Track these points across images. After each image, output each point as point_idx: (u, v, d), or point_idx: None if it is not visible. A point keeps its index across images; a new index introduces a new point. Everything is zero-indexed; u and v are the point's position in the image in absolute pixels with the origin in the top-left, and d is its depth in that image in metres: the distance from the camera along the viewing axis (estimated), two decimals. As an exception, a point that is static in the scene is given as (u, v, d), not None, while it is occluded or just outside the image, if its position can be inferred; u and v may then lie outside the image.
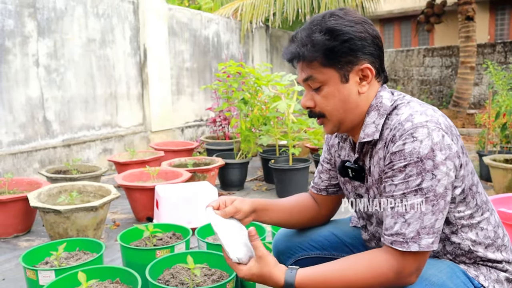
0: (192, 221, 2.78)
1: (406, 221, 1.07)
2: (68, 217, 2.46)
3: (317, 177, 1.49)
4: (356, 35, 1.15)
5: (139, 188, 3.01)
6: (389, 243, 1.09)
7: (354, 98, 1.19)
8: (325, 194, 1.48)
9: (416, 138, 1.06)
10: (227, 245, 1.17)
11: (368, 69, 1.17)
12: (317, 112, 1.22)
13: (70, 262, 1.97)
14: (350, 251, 1.49)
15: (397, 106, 1.18)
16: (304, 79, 1.20)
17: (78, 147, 4.45)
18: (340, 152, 1.39)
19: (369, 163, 1.23)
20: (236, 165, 3.96)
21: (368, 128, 1.19)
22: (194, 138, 6.13)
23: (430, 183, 1.05)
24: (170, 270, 1.86)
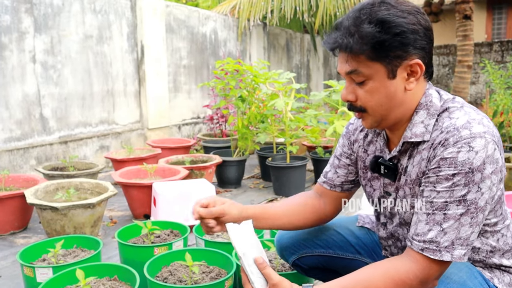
0: (190, 219, 2.77)
1: (443, 230, 1.04)
2: (65, 214, 2.46)
3: (332, 172, 1.43)
4: (409, 27, 1.07)
5: (136, 185, 3.00)
6: (419, 249, 1.07)
7: (400, 95, 1.13)
8: (339, 191, 1.43)
9: (473, 148, 1.02)
10: (253, 275, 1.13)
11: (418, 65, 1.10)
12: (358, 107, 1.16)
13: (67, 259, 1.96)
14: (356, 251, 1.49)
15: (449, 108, 1.13)
16: (348, 72, 1.13)
17: (74, 144, 4.43)
18: (368, 147, 1.34)
19: (407, 162, 1.19)
20: (233, 162, 3.96)
21: (416, 128, 1.14)
22: (191, 136, 6.12)
23: (474, 196, 1.03)
24: (168, 268, 1.86)
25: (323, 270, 1.57)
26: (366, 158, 1.34)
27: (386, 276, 1.07)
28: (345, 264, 1.52)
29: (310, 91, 9.44)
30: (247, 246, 1.15)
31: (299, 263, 1.55)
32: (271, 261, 1.92)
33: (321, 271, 1.58)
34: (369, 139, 1.33)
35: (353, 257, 1.51)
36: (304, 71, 9.50)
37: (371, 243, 1.51)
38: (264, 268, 1.12)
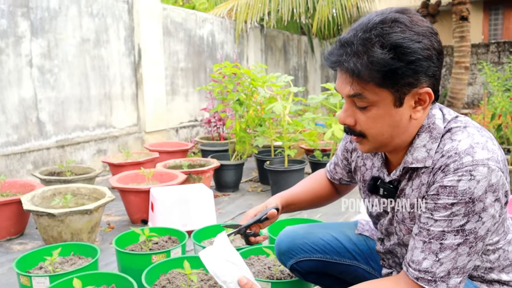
0: (188, 224, 2.76)
1: (439, 260, 1.01)
2: (62, 220, 2.44)
3: (332, 165, 1.49)
4: (424, 54, 0.98)
5: (134, 190, 2.99)
6: (413, 277, 1.04)
7: (405, 123, 1.05)
8: (337, 183, 1.50)
9: (474, 177, 0.96)
10: None
11: (427, 94, 1.02)
12: (357, 131, 1.09)
13: (64, 267, 1.95)
14: (353, 258, 1.49)
15: (451, 129, 1.06)
16: (351, 95, 1.04)
17: (72, 148, 4.41)
18: (366, 161, 1.31)
19: (406, 184, 1.14)
20: (231, 166, 3.95)
21: (418, 152, 1.08)
22: (189, 139, 6.11)
23: (474, 225, 0.98)
24: (166, 275, 1.84)
25: (320, 275, 1.57)
26: (365, 172, 1.31)
27: None
28: (343, 270, 1.52)
29: (307, 93, 9.44)
30: (226, 270, 1.11)
31: (297, 267, 1.55)
32: (270, 268, 1.91)
33: (319, 276, 1.58)
34: (367, 154, 1.31)
35: (350, 262, 1.51)
36: (302, 73, 9.50)
37: (368, 250, 1.51)
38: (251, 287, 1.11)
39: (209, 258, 1.12)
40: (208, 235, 2.31)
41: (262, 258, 2.01)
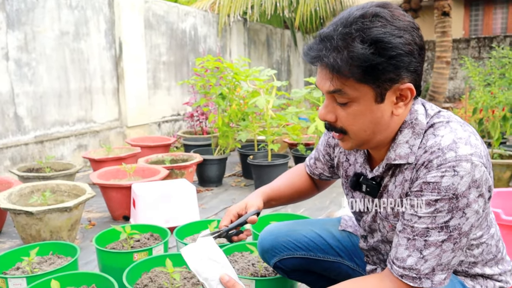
0: (170, 220, 2.72)
1: (424, 257, 1.00)
2: (41, 218, 2.38)
3: (313, 160, 1.47)
4: (405, 49, 0.96)
5: (115, 186, 2.93)
6: (398, 275, 1.03)
7: (386, 119, 1.03)
8: (317, 179, 1.48)
9: (458, 173, 0.95)
10: None
11: (409, 90, 1.01)
12: (338, 128, 1.07)
13: (43, 267, 1.90)
14: (337, 255, 1.47)
15: (434, 124, 1.04)
16: (331, 91, 1.01)
17: (51, 143, 4.32)
18: (349, 157, 1.29)
19: (389, 181, 1.13)
20: (214, 161, 3.91)
21: (400, 149, 1.06)
22: (171, 133, 6.04)
23: (458, 221, 0.97)
24: (148, 274, 1.81)
25: (304, 272, 1.56)
26: (348, 167, 1.30)
27: None
28: (327, 267, 1.51)
29: (290, 87, 9.43)
30: (208, 268, 1.08)
31: (281, 265, 1.53)
32: (254, 264, 1.89)
33: (303, 273, 1.56)
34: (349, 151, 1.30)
35: (334, 259, 1.50)
36: (285, 66, 9.48)
37: (352, 246, 1.50)
38: (233, 286, 1.08)
39: (190, 255, 1.10)
40: (191, 232, 2.27)
41: (246, 255, 1.99)
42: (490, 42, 10.05)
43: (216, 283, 1.07)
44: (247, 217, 1.29)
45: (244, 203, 1.36)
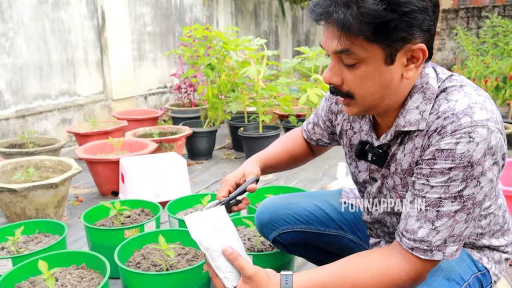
0: (161, 195, 2.64)
1: (436, 228, 0.95)
2: (25, 195, 2.28)
3: (311, 125, 1.39)
4: (419, 5, 0.88)
5: (102, 161, 2.83)
6: (408, 248, 0.97)
7: (396, 82, 0.96)
8: (314, 144, 1.41)
9: (473, 139, 0.89)
10: (220, 272, 0.99)
11: (421, 50, 0.94)
12: (344, 92, 0.99)
13: (29, 247, 1.81)
14: (339, 228, 1.42)
15: (447, 89, 0.98)
16: (338, 51, 0.94)
17: (33, 118, 4.16)
18: (354, 124, 1.21)
19: (397, 149, 1.06)
20: (204, 133, 3.82)
21: (410, 115, 1.00)
22: (158, 106, 5.90)
23: (472, 191, 0.92)
24: (140, 251, 1.74)
25: (304, 246, 1.50)
26: (352, 135, 1.22)
27: (377, 276, 0.98)
28: (328, 240, 1.45)
29: (279, 58, 9.27)
30: (210, 237, 1.00)
31: (280, 239, 1.47)
32: (250, 239, 1.82)
33: (303, 247, 1.51)
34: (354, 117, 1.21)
35: (335, 233, 1.44)
36: (273, 37, 9.29)
37: (354, 219, 1.44)
38: (235, 259, 0.99)
39: (193, 222, 1.02)
40: (183, 206, 2.20)
41: (241, 229, 1.93)
42: (479, 12, 9.95)
43: (217, 254, 0.99)
44: (247, 185, 1.20)
45: (242, 172, 1.27)
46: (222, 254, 0.99)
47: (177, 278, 1.50)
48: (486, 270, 1.14)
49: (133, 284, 1.52)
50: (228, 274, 0.99)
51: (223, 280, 0.98)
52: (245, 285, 0.98)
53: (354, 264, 1.01)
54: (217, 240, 1.00)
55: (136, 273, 1.49)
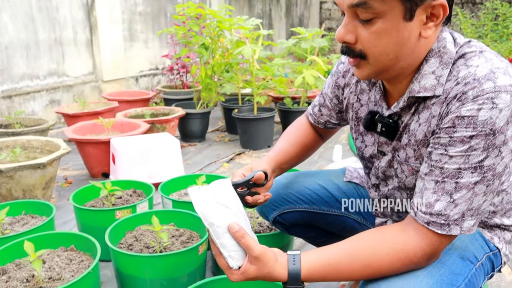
0: (153, 176, 2.56)
1: (454, 201, 0.88)
2: (11, 176, 2.18)
3: (317, 107, 1.32)
4: None
5: (92, 141, 2.73)
6: (424, 222, 0.91)
7: (413, 42, 0.89)
8: (322, 127, 1.34)
9: (496, 105, 0.83)
10: (225, 250, 0.92)
11: (441, 7, 0.86)
12: (357, 51, 0.92)
13: (15, 228, 1.72)
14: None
15: (465, 54, 0.91)
16: (355, 4, 0.87)
17: (20, 98, 4.03)
18: (361, 96, 1.13)
19: (411, 119, 0.99)
20: (197, 115, 3.72)
21: (426, 80, 0.93)
22: (150, 88, 5.77)
23: (493, 161, 0.86)
24: (133, 233, 1.66)
25: (306, 227, 1.43)
26: (359, 108, 1.15)
27: (391, 253, 0.91)
28: (331, 221, 1.39)
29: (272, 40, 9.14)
30: (216, 212, 0.92)
31: (280, 219, 1.40)
32: (247, 220, 1.75)
33: (304, 228, 1.44)
34: (363, 87, 1.13)
35: (339, 213, 1.37)
36: (266, 20, 9.14)
37: (359, 198, 1.37)
38: (242, 237, 0.91)
39: (198, 196, 0.93)
40: (177, 187, 2.12)
41: (238, 211, 1.86)
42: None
43: (223, 230, 0.91)
44: (252, 175, 1.12)
45: (249, 167, 1.20)
46: (227, 231, 0.91)
47: (172, 260, 1.43)
48: (497, 250, 1.09)
49: (125, 267, 1.44)
50: (233, 253, 0.92)
51: (227, 259, 0.91)
52: (250, 265, 0.91)
53: (366, 241, 0.94)
54: (223, 216, 0.92)
55: (128, 255, 1.41)
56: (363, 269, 0.92)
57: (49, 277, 1.35)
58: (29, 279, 1.35)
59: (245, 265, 0.92)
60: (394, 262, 0.91)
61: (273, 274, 0.91)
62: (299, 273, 0.91)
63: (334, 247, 0.95)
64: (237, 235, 0.91)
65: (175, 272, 1.44)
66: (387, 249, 0.91)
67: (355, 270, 0.92)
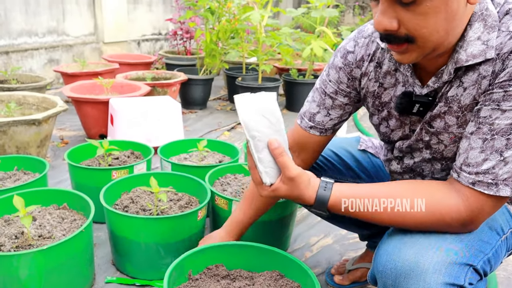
0: (153, 140, 2.47)
1: (504, 159, 0.80)
2: (5, 131, 2.09)
3: (322, 114, 1.10)
4: None
5: (90, 101, 2.63)
6: (469, 182, 0.83)
7: (461, 11, 0.80)
8: (330, 134, 1.13)
9: None
10: (261, 164, 0.90)
11: None
12: (403, 36, 0.81)
13: (6, 184, 1.64)
14: (356, 176, 1.26)
15: (510, 10, 0.82)
16: None
17: (18, 55, 3.90)
18: (384, 79, 1.01)
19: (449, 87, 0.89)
20: (199, 81, 3.61)
21: (473, 47, 0.83)
22: (152, 53, 5.62)
23: None
24: (129, 194, 1.58)
25: None
26: (382, 93, 1.02)
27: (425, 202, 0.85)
28: None
29: (278, 15, 8.92)
30: (260, 125, 0.88)
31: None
32: (249, 188, 1.68)
33: None
34: (385, 70, 1.00)
35: (353, 181, 1.29)
36: (274, -10, 8.91)
37: (373, 168, 1.29)
38: (280, 155, 0.88)
39: (244, 105, 0.88)
40: (177, 151, 2.04)
41: (239, 177, 1.78)
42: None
43: (263, 145, 0.89)
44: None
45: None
46: (267, 146, 0.89)
47: (169, 225, 1.35)
48: None
49: (120, 229, 1.37)
50: (269, 169, 0.90)
51: (262, 174, 0.90)
52: (283, 185, 0.90)
53: (401, 186, 0.90)
54: (265, 131, 0.89)
55: (124, 216, 1.34)
56: (389, 212, 0.87)
57: (39, 235, 1.28)
58: (18, 236, 1.27)
59: (277, 183, 0.90)
60: (424, 214, 0.85)
61: (302, 197, 0.91)
62: (327, 199, 0.90)
63: (367, 185, 0.92)
64: (275, 152, 0.88)
65: (172, 237, 1.37)
66: (421, 197, 0.85)
67: (381, 210, 0.88)
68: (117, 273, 1.46)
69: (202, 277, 1.18)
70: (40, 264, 1.15)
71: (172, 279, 1.10)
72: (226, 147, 2.06)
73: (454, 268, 0.81)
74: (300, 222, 1.88)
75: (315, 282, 1.07)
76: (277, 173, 0.91)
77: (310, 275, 1.10)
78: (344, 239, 1.78)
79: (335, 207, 0.90)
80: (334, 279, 1.47)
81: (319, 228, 1.84)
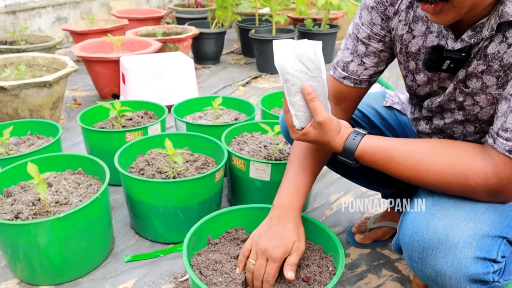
0: (166, 98, 2.42)
1: None
2: (17, 95, 2.05)
3: (356, 63, 1.01)
4: None
5: (101, 60, 2.57)
6: (505, 150, 0.75)
7: None
8: (365, 86, 1.04)
9: None
10: (293, 107, 0.90)
11: None
12: None
13: (20, 149, 1.62)
14: (381, 134, 1.19)
15: None
16: None
17: (25, 14, 3.82)
18: (415, 25, 0.91)
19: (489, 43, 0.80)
20: (211, 35, 3.50)
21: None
22: (161, 7, 5.46)
23: None
24: (144, 157, 1.55)
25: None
26: (409, 41, 0.93)
27: (451, 161, 0.80)
28: None
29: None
30: (294, 70, 0.86)
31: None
32: (267, 147, 1.63)
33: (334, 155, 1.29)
34: (416, 13, 0.90)
35: None
36: None
37: (399, 126, 1.22)
38: (312, 100, 0.87)
39: (282, 49, 0.87)
40: (191, 109, 1.99)
41: (256, 136, 1.73)
42: None
43: (296, 89, 0.88)
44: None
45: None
46: (300, 91, 0.88)
47: (186, 188, 1.32)
48: None
49: (137, 193, 1.35)
50: (300, 113, 0.90)
51: (293, 117, 0.91)
52: (313, 129, 0.88)
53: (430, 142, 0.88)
54: (300, 75, 0.88)
55: (140, 180, 1.31)
56: (413, 165, 0.83)
57: (56, 201, 1.27)
58: (35, 203, 1.26)
59: (307, 127, 0.89)
60: (448, 172, 0.79)
61: (331, 144, 0.89)
62: (354, 149, 0.88)
63: (398, 139, 0.89)
64: (308, 97, 0.87)
65: (189, 200, 1.35)
66: (448, 154, 0.81)
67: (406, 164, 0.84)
68: (136, 237, 1.46)
69: (222, 241, 1.15)
70: (58, 231, 1.14)
71: (192, 244, 1.08)
72: (242, 104, 1.99)
73: (487, 241, 0.76)
74: (319, 180, 1.84)
75: (337, 245, 1.04)
76: (309, 118, 0.90)
77: (332, 237, 1.07)
78: (364, 195, 1.74)
79: (361, 157, 0.88)
80: (355, 237, 1.44)
81: (339, 185, 1.80)
